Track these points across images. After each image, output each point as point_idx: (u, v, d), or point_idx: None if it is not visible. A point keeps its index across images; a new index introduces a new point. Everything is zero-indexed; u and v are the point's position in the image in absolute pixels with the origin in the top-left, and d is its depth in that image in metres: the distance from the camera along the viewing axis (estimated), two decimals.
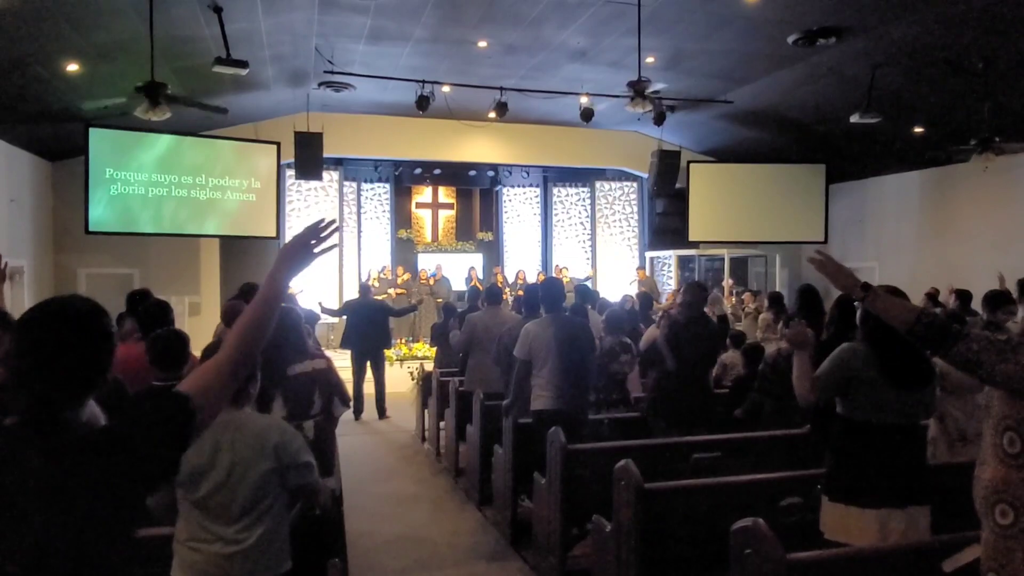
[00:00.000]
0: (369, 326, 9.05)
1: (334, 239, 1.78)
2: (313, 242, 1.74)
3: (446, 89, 10.35)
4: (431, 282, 13.66)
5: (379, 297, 11.27)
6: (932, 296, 9.32)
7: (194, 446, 2.37)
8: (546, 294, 5.23)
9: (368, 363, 9.14)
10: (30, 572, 1.36)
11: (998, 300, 5.45)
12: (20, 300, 9.58)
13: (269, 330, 1.67)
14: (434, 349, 9.26)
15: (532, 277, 13.97)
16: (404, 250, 14.79)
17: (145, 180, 10.13)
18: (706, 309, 5.58)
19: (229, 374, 1.60)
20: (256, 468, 2.38)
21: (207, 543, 2.36)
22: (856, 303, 2.84)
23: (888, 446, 2.88)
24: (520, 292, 11.71)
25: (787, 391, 4.58)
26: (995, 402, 2.06)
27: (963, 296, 7.18)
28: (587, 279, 13.86)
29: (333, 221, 1.79)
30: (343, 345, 9.26)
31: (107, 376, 1.52)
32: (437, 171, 14.43)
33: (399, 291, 13.28)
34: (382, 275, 13.29)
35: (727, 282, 13.25)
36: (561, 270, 14.20)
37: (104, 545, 1.41)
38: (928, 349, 2.21)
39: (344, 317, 9.68)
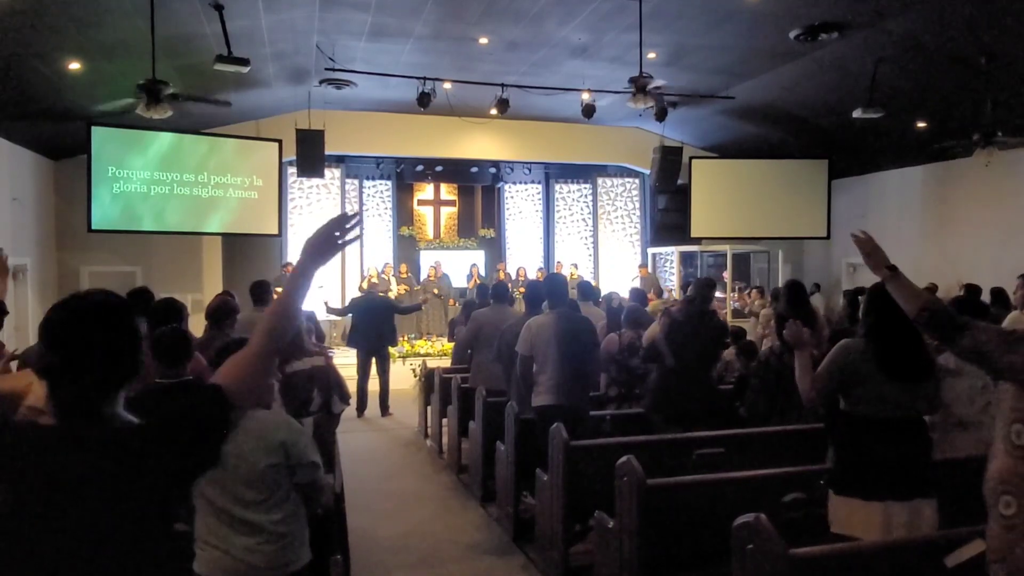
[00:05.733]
0: (374, 324, 9.04)
1: (357, 231, 1.82)
2: (337, 234, 1.76)
3: (447, 86, 10.34)
4: (435, 281, 13.65)
5: (382, 294, 11.27)
6: (931, 291, 9.29)
7: None
8: (550, 290, 5.26)
9: (373, 360, 9.15)
10: (72, 570, 1.37)
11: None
12: (24, 298, 9.61)
13: (296, 320, 1.73)
14: (449, 345, 9.26)
15: (533, 274, 13.96)
16: (406, 247, 14.78)
17: (147, 178, 10.13)
18: None
19: (261, 364, 1.63)
20: (258, 463, 2.40)
21: (222, 539, 2.39)
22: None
23: (890, 439, 2.89)
24: (522, 289, 11.75)
25: (781, 389, 4.60)
26: (1006, 395, 2.07)
27: (973, 291, 7.18)
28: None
29: (356, 214, 1.83)
30: (349, 343, 9.27)
31: (140, 368, 1.53)
32: (439, 168, 14.41)
33: (402, 288, 13.27)
34: (382, 275, 13.24)
35: (726, 276, 13.25)
36: (561, 266, 14.22)
37: (144, 540, 1.43)
38: (935, 339, 2.23)
39: (350, 315, 9.69)
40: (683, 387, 4.88)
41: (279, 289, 11.28)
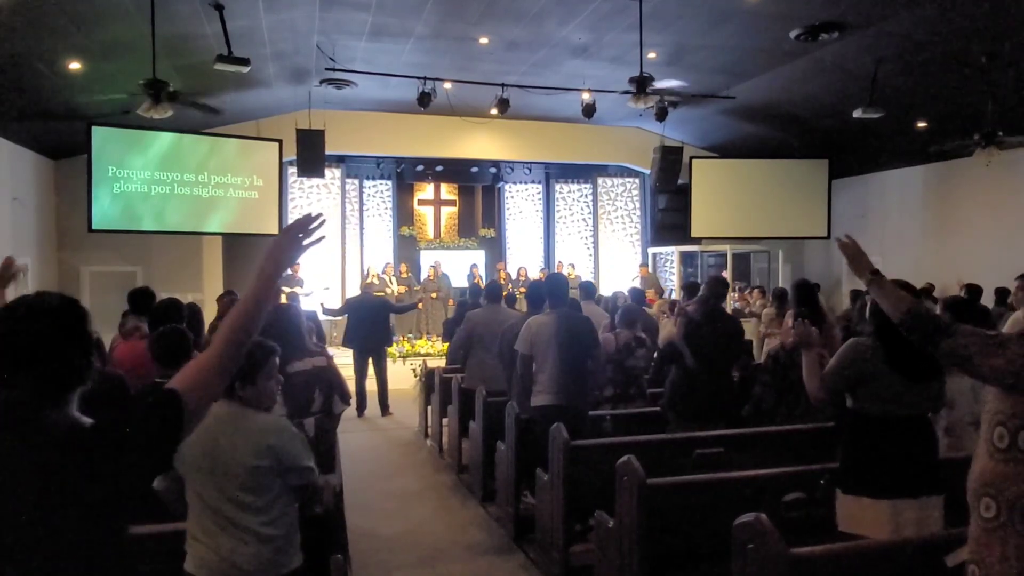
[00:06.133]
0: (370, 324, 9.07)
1: (322, 232, 1.76)
2: (301, 236, 1.72)
3: (448, 86, 10.34)
4: (437, 281, 13.64)
5: (379, 294, 11.27)
6: (927, 292, 9.31)
7: (196, 438, 2.40)
8: (550, 290, 5.26)
9: (370, 360, 9.17)
10: (18, 573, 1.34)
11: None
12: None
13: (259, 325, 1.65)
14: (446, 345, 9.29)
15: (534, 274, 13.96)
16: (406, 247, 14.78)
17: (147, 178, 10.13)
18: None
19: (218, 369, 1.58)
20: (249, 465, 2.40)
21: (212, 537, 2.39)
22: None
23: (898, 438, 2.90)
24: (523, 289, 11.77)
25: (789, 385, 4.63)
26: (990, 397, 2.08)
27: (973, 291, 7.17)
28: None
29: (320, 215, 1.78)
30: (345, 343, 9.29)
31: (89, 371, 1.49)
32: (439, 168, 14.40)
33: (401, 288, 13.27)
34: (383, 275, 13.22)
35: (727, 276, 13.22)
36: (561, 265, 14.22)
37: (93, 543, 1.39)
38: (917, 342, 2.22)
39: (346, 315, 9.70)
40: (704, 386, 4.91)
41: (286, 289, 11.36)
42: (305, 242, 1.72)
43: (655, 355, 5.79)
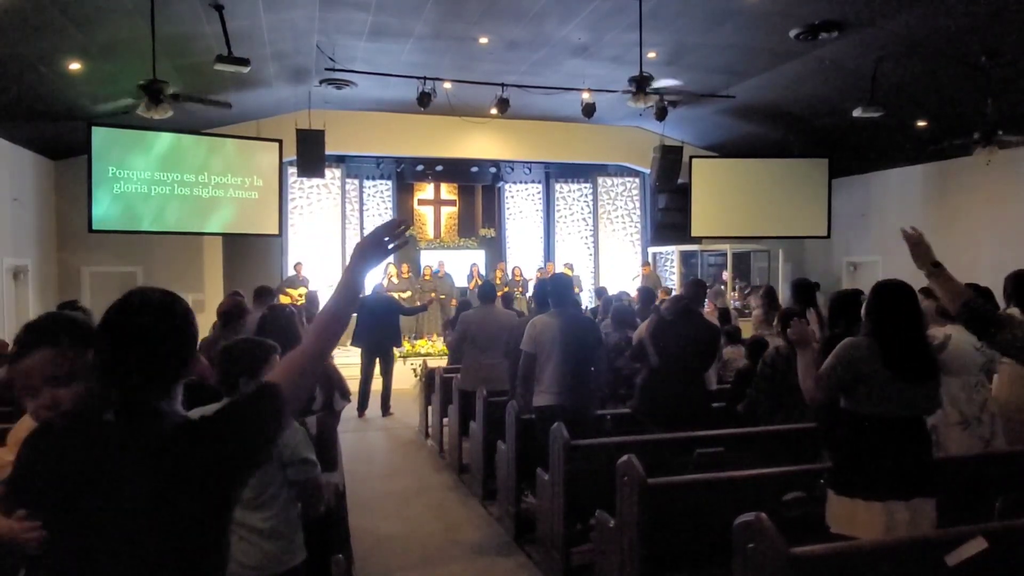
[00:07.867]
0: (380, 324, 9.04)
1: (407, 236, 1.85)
2: (387, 239, 1.78)
3: (447, 86, 10.34)
4: (434, 280, 13.64)
5: (394, 295, 11.27)
6: (928, 292, 9.25)
7: None
8: (553, 290, 5.25)
9: (377, 360, 9.15)
10: (135, 567, 1.38)
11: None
12: (24, 298, 9.62)
13: (347, 323, 1.74)
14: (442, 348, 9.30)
15: (529, 274, 13.96)
16: (406, 247, 14.72)
17: (148, 178, 10.13)
18: (708, 302, 5.54)
19: (312, 365, 1.66)
20: None
21: None
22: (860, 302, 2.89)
23: (892, 439, 2.88)
24: (520, 289, 11.79)
25: (785, 390, 4.57)
26: None
27: (978, 292, 7.13)
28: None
29: (406, 220, 1.88)
30: (354, 342, 9.27)
31: (194, 363, 1.56)
32: (439, 168, 14.41)
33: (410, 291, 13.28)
34: (390, 275, 13.22)
35: (727, 275, 13.24)
36: (552, 266, 14.21)
37: (205, 534, 1.44)
38: (974, 333, 2.37)
39: (355, 314, 9.68)
40: (668, 387, 4.81)
41: (291, 290, 11.35)
42: (391, 245, 1.79)
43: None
